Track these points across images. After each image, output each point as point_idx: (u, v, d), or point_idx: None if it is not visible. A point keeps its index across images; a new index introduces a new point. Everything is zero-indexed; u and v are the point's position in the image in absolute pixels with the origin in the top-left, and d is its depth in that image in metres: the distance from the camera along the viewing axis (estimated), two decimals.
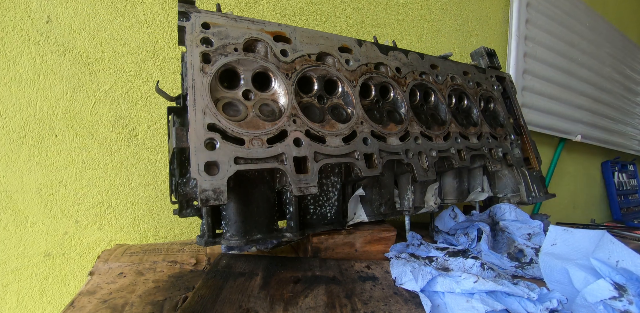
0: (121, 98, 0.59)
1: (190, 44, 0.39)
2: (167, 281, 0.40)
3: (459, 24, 1.08)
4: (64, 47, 0.55)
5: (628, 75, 1.82)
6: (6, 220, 0.53)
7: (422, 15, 0.97)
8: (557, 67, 1.35)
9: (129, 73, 0.60)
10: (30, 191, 0.54)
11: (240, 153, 0.38)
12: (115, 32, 0.59)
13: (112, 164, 0.59)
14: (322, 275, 0.42)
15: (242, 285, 0.38)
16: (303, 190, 0.41)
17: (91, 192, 0.58)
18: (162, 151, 0.63)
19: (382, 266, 0.46)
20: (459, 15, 1.08)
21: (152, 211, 0.62)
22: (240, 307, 0.34)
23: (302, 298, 0.36)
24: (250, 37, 0.43)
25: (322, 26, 0.81)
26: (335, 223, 0.48)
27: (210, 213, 0.39)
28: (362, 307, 0.35)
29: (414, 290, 0.38)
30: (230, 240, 0.40)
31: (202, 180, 0.34)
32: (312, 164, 0.42)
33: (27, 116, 0.54)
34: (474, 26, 1.12)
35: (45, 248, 0.55)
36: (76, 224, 0.57)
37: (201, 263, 0.45)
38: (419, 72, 0.61)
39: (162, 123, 0.62)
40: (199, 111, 0.37)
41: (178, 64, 0.63)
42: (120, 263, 0.44)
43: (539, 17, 1.26)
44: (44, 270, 0.55)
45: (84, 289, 0.37)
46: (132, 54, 0.60)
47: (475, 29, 1.12)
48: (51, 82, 0.55)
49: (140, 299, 0.35)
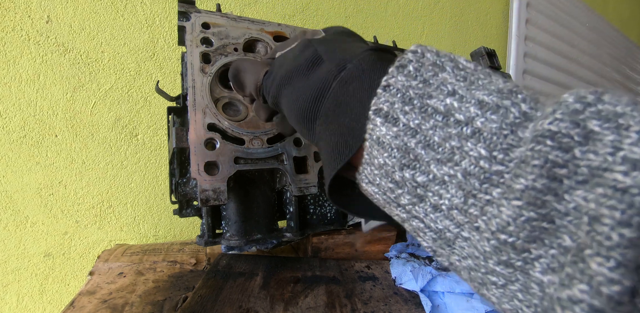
0: (121, 98, 0.59)
1: (190, 44, 0.39)
2: (167, 281, 0.40)
3: (459, 24, 1.08)
4: (64, 47, 0.55)
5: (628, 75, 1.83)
6: (6, 220, 0.53)
7: (422, 15, 0.97)
8: (557, 67, 1.35)
9: (129, 73, 0.60)
10: (30, 191, 0.54)
11: (240, 153, 0.38)
12: (115, 32, 0.59)
13: (112, 164, 0.59)
14: (322, 275, 0.42)
15: (242, 285, 0.38)
16: (303, 190, 0.41)
17: (91, 192, 0.58)
18: (162, 151, 0.63)
19: (382, 266, 0.46)
20: (459, 15, 1.08)
21: (152, 211, 0.62)
22: (240, 307, 0.34)
23: (302, 298, 0.36)
24: (250, 37, 0.43)
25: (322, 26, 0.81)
26: (335, 223, 0.48)
27: (210, 213, 0.39)
28: (362, 307, 0.35)
29: (414, 290, 0.38)
30: (230, 240, 0.40)
31: (202, 180, 0.34)
32: (313, 164, 0.42)
33: (27, 116, 0.54)
34: (474, 26, 1.12)
35: (45, 248, 0.55)
36: (76, 224, 0.57)
37: (201, 263, 0.45)
38: None
39: (162, 123, 0.62)
40: (199, 111, 0.37)
41: (178, 64, 0.63)
42: (120, 263, 0.44)
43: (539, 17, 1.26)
44: (44, 270, 0.55)
45: (84, 289, 0.37)
46: (132, 54, 0.60)
47: (475, 29, 1.12)
48: (51, 82, 0.55)
49: (140, 299, 0.35)
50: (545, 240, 0.12)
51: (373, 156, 0.16)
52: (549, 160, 0.11)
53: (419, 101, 0.15)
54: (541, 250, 0.12)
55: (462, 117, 0.14)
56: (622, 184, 0.10)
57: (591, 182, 0.11)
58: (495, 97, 0.14)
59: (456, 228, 0.14)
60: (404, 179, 0.15)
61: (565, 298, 0.11)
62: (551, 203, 0.12)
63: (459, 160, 0.14)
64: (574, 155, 0.11)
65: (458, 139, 0.14)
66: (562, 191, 0.12)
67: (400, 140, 0.15)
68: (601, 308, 0.10)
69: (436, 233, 0.16)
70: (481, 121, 0.13)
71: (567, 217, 0.12)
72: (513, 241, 0.12)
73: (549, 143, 0.12)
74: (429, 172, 0.15)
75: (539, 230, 0.12)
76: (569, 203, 0.11)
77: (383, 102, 0.16)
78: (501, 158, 0.13)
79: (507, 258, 0.13)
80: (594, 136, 0.11)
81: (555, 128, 0.12)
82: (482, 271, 0.14)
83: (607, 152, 0.10)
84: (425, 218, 0.16)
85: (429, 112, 0.15)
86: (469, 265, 0.15)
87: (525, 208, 0.12)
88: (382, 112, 0.16)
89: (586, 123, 0.11)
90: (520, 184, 0.12)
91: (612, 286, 0.10)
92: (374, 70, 0.18)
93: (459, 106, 0.14)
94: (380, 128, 0.16)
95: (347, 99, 0.18)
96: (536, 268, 0.12)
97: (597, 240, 0.10)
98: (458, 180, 0.14)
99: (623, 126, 0.11)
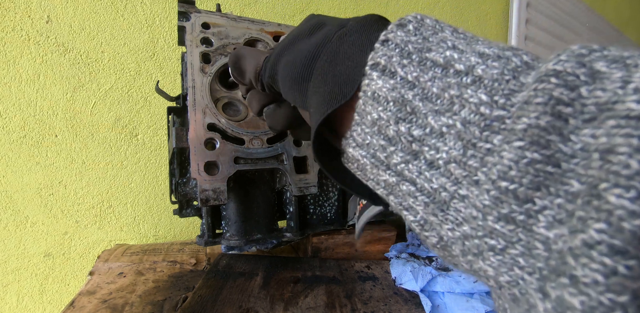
0: (121, 98, 0.59)
1: (190, 44, 0.39)
2: (167, 281, 0.40)
3: (459, 24, 1.07)
4: (64, 47, 0.56)
5: None
6: (6, 220, 0.53)
7: None
8: None
9: (129, 73, 0.60)
10: (30, 191, 0.54)
11: (240, 153, 0.38)
12: (115, 32, 0.59)
13: (112, 164, 0.59)
14: (322, 275, 0.42)
15: (242, 285, 0.38)
16: (303, 190, 0.41)
17: (91, 192, 0.58)
18: (162, 151, 0.63)
19: (382, 266, 0.46)
20: (459, 15, 1.08)
21: (152, 211, 0.62)
22: (240, 307, 0.34)
23: (302, 298, 0.36)
24: (250, 37, 0.43)
25: None
26: (335, 223, 0.48)
27: (210, 213, 0.39)
28: (362, 307, 0.35)
29: (414, 290, 0.38)
30: (230, 240, 0.40)
31: (202, 180, 0.34)
32: (313, 164, 0.42)
33: (27, 116, 0.54)
34: (474, 26, 1.12)
35: (45, 248, 0.55)
36: (76, 224, 0.57)
37: (201, 263, 0.45)
38: None
39: (162, 123, 0.62)
40: (199, 111, 0.37)
41: (178, 64, 0.63)
42: (120, 263, 0.44)
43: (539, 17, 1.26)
44: (44, 270, 0.55)
45: (84, 289, 0.37)
46: (132, 54, 0.60)
47: (475, 29, 1.12)
48: (51, 82, 0.55)
49: (140, 299, 0.35)
50: (550, 188, 0.11)
51: (366, 112, 0.16)
52: (553, 97, 0.11)
53: (417, 55, 0.15)
54: (546, 199, 0.11)
55: (462, 67, 0.13)
56: (636, 112, 0.09)
57: (599, 118, 0.10)
58: (496, 49, 0.13)
59: (453, 185, 0.13)
60: (398, 134, 0.15)
61: (579, 245, 0.10)
62: (556, 143, 0.11)
63: (458, 109, 0.13)
64: (579, 94, 0.11)
65: (458, 87, 0.13)
66: (567, 132, 0.11)
67: (397, 92, 0.15)
68: (623, 248, 0.09)
69: (429, 196, 0.14)
70: (482, 68, 0.13)
71: (574, 159, 0.11)
72: (515, 189, 0.11)
73: (554, 81, 0.11)
74: (426, 125, 0.14)
75: (543, 175, 0.11)
76: (575, 143, 0.11)
77: (380, 56, 0.15)
78: (502, 103, 0.12)
79: (508, 210, 0.12)
80: (601, 75, 0.11)
81: (560, 68, 0.11)
82: (480, 235, 0.13)
83: (616, 86, 0.10)
84: (418, 177, 0.14)
85: (428, 65, 0.14)
86: (463, 232, 0.13)
87: (528, 149, 0.11)
88: (379, 67, 0.15)
89: (592, 64, 0.11)
90: (522, 124, 0.11)
91: (634, 220, 0.09)
92: (374, 25, 0.18)
93: (459, 57, 0.14)
94: (377, 82, 0.15)
95: (345, 48, 0.18)
96: (540, 223, 0.11)
97: (613, 171, 0.09)
98: (457, 130, 0.13)
99: (631, 65, 0.10)
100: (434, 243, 0.15)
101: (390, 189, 0.16)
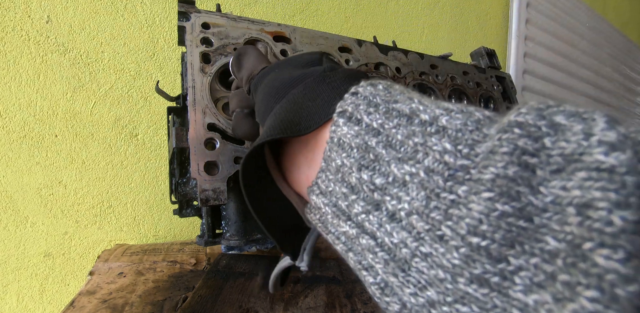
0: (121, 98, 0.60)
1: (190, 44, 0.39)
2: (167, 281, 0.40)
3: (459, 24, 1.08)
4: (64, 47, 0.56)
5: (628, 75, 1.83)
6: (6, 220, 0.53)
7: (422, 15, 0.97)
8: (557, 67, 1.35)
9: (129, 73, 0.60)
10: (30, 191, 0.54)
11: (240, 153, 0.38)
12: (115, 32, 0.59)
13: (112, 164, 0.59)
14: (322, 275, 0.42)
15: (242, 285, 0.38)
16: None
17: (91, 192, 0.58)
18: (162, 151, 0.63)
19: None
20: (459, 15, 1.08)
21: (152, 211, 0.62)
22: (241, 307, 0.34)
23: (302, 298, 0.36)
24: (250, 37, 0.43)
25: (322, 26, 0.81)
26: None
27: (210, 213, 0.39)
28: (362, 307, 0.35)
29: None
30: (230, 240, 0.40)
31: (202, 180, 0.34)
32: None
33: (27, 116, 0.54)
34: (474, 26, 1.12)
35: (45, 248, 0.55)
36: (76, 224, 0.57)
37: (201, 263, 0.45)
38: (419, 72, 0.61)
39: (162, 123, 0.63)
40: (199, 111, 0.37)
41: (178, 64, 0.63)
42: (120, 263, 0.44)
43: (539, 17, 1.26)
44: (44, 270, 0.55)
45: (84, 289, 0.37)
46: (132, 54, 0.60)
47: (475, 29, 1.13)
48: (51, 82, 0.55)
49: (140, 299, 0.35)
50: (525, 245, 0.10)
51: (331, 159, 0.16)
52: (518, 147, 0.11)
53: (384, 105, 0.15)
54: (521, 258, 0.10)
55: (426, 117, 0.13)
56: (606, 165, 0.09)
57: (567, 169, 0.10)
58: (459, 106, 0.14)
59: (415, 241, 0.12)
60: (360, 182, 0.14)
61: None
62: (526, 195, 0.10)
63: (422, 158, 0.13)
64: (543, 144, 0.10)
65: (422, 135, 0.13)
66: (536, 183, 0.10)
67: (360, 139, 0.15)
68: None
69: (389, 253, 0.13)
70: (446, 119, 0.13)
71: (546, 213, 0.10)
72: (487, 245, 0.10)
73: (517, 131, 0.11)
74: (389, 173, 0.13)
75: (516, 230, 0.10)
76: (546, 196, 0.10)
77: (349, 104, 0.16)
78: (466, 152, 0.12)
79: (481, 270, 0.10)
80: (562, 127, 0.10)
81: (522, 119, 0.11)
82: (449, 301, 0.11)
83: (579, 138, 0.10)
84: (379, 230, 0.14)
85: (394, 115, 0.14)
86: (428, 298, 0.12)
87: (498, 200, 0.10)
88: (346, 114, 0.16)
89: (552, 116, 0.11)
90: (489, 174, 0.11)
91: (628, 285, 0.08)
92: (358, 81, 0.19)
93: (424, 109, 0.14)
94: (342, 128, 0.16)
95: (322, 88, 0.19)
96: (517, 286, 0.10)
97: (595, 228, 0.08)
98: (420, 179, 0.12)
99: (589, 119, 0.10)
100: (396, 312, 0.14)
101: (350, 245, 0.15)
